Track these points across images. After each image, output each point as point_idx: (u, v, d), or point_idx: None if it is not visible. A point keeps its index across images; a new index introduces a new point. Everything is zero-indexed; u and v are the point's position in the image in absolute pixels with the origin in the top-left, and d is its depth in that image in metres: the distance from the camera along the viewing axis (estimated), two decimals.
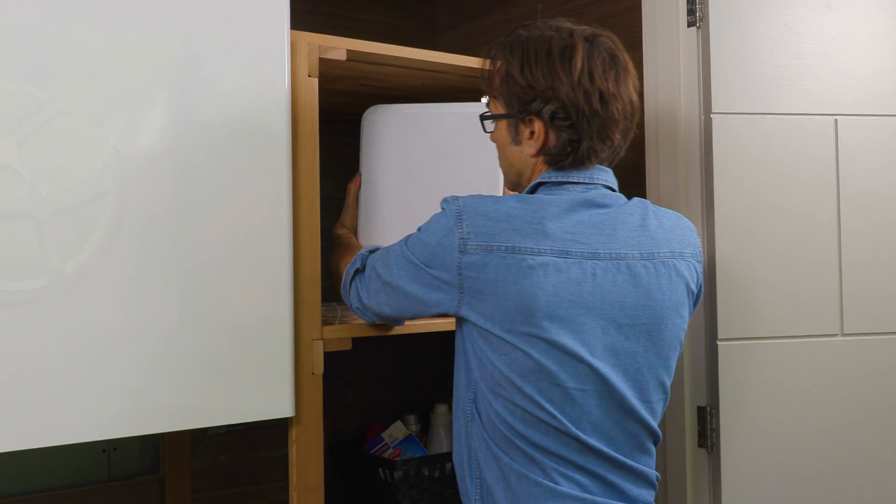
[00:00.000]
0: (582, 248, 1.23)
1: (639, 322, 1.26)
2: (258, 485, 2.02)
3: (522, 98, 1.29)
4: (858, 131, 1.69)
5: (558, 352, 1.22)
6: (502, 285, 1.22)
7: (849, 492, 1.69)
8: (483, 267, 1.22)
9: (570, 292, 1.22)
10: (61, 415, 1.22)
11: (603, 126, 1.28)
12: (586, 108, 1.26)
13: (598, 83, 1.27)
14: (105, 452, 1.88)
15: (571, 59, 1.27)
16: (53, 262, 1.21)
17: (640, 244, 1.27)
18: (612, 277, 1.24)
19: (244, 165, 1.36)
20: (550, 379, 1.22)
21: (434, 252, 1.27)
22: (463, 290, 1.25)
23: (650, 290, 1.27)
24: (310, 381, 1.42)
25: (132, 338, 1.27)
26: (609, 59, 1.29)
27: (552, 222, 1.23)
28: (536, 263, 1.21)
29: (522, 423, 1.24)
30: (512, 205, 1.25)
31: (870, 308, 1.69)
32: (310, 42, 1.43)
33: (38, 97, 1.21)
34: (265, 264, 1.38)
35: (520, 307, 1.21)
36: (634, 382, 1.27)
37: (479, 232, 1.23)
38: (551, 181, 1.31)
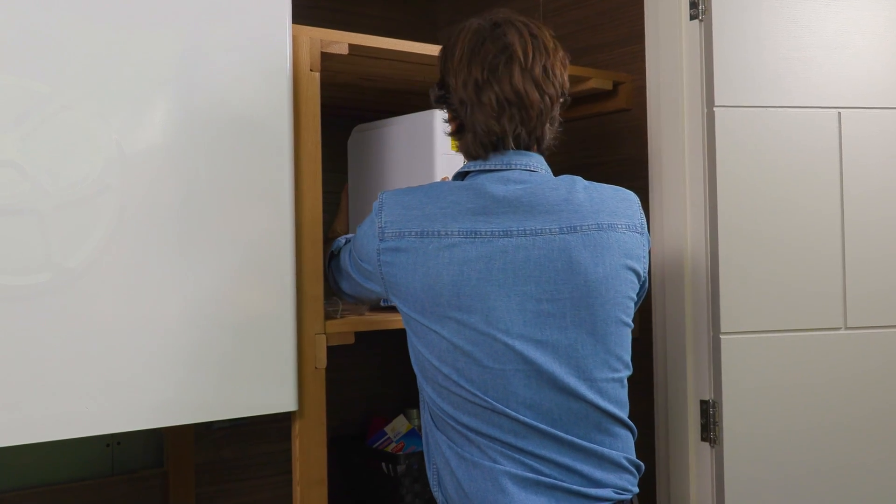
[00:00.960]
0: (492, 227, 1.25)
1: (561, 297, 1.24)
2: (261, 479, 2.02)
3: (435, 91, 1.37)
4: (862, 124, 1.68)
5: (471, 331, 1.23)
6: (411, 268, 1.26)
7: (852, 485, 1.69)
8: (396, 252, 1.27)
9: (478, 271, 1.23)
10: (65, 409, 1.22)
11: (481, 112, 1.29)
12: (464, 96, 1.29)
13: (476, 73, 1.28)
14: (109, 447, 1.88)
15: (454, 51, 1.32)
16: (56, 256, 1.21)
17: (561, 218, 1.25)
18: (524, 254, 1.24)
19: (246, 160, 1.36)
20: (466, 358, 1.23)
21: (362, 244, 1.34)
22: (384, 278, 1.30)
23: (571, 264, 1.24)
24: (313, 376, 1.42)
25: (135, 332, 1.27)
26: (499, 48, 1.29)
27: (462, 206, 1.26)
28: (443, 245, 1.24)
29: (450, 405, 1.26)
30: (425, 191, 1.29)
31: (873, 301, 1.69)
32: (311, 36, 1.43)
33: (41, 92, 1.21)
34: (268, 259, 1.38)
35: (427, 288, 1.24)
36: (567, 360, 1.24)
37: (395, 220, 1.28)
38: (469, 171, 1.33)
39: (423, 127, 1.67)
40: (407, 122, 1.73)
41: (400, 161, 1.74)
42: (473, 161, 1.33)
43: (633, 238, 1.30)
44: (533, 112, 1.30)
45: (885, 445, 1.70)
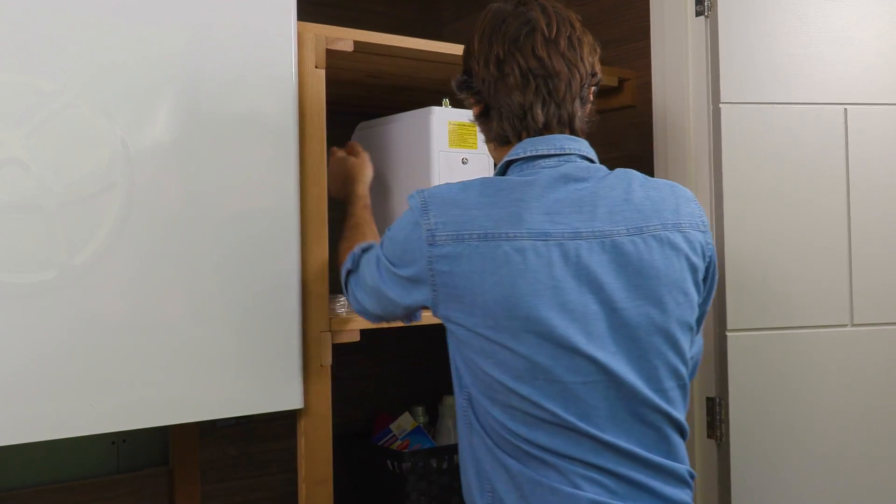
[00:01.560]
0: (562, 228, 1.13)
1: (634, 303, 1.15)
2: (266, 477, 2.02)
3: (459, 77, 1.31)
4: (868, 120, 1.68)
5: (550, 345, 1.12)
6: (478, 277, 1.12)
7: (859, 482, 1.68)
8: (456, 259, 1.13)
9: (554, 277, 1.12)
10: (70, 407, 1.22)
11: (505, 87, 1.21)
12: (487, 76, 1.22)
13: (497, 48, 1.22)
14: (114, 444, 1.88)
15: (479, 27, 1.27)
16: (62, 254, 1.21)
17: (626, 219, 1.17)
18: (599, 258, 1.14)
19: (252, 157, 1.36)
20: (546, 375, 1.12)
21: (403, 249, 1.19)
22: (437, 288, 1.16)
23: (642, 268, 1.16)
24: (318, 373, 1.42)
25: (141, 330, 1.27)
26: (521, 23, 1.23)
27: (527, 203, 1.14)
28: (513, 249, 1.12)
29: (527, 427, 1.14)
30: (481, 190, 1.17)
31: (880, 298, 1.68)
32: (317, 33, 1.43)
33: (46, 89, 1.21)
34: (273, 256, 1.38)
35: (501, 299, 1.11)
36: (642, 369, 1.16)
37: (448, 221, 1.15)
38: (520, 157, 1.22)
39: (420, 124, 1.67)
40: (405, 119, 1.72)
41: (399, 158, 1.73)
42: (519, 145, 1.22)
43: (697, 237, 1.23)
44: (560, 83, 1.21)
45: (893, 442, 1.69)
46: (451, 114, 1.67)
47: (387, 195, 1.77)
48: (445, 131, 1.65)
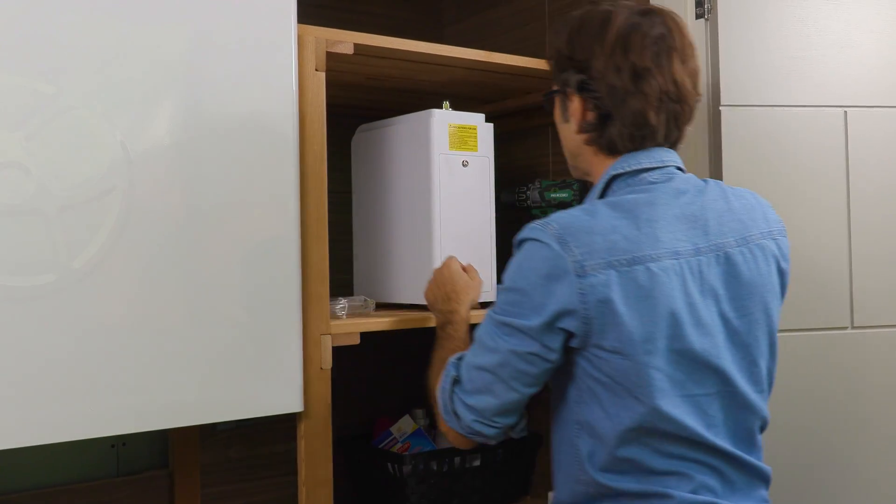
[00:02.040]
0: (686, 245, 1.16)
1: (747, 313, 1.19)
2: (267, 479, 2.02)
3: (563, 68, 1.27)
4: (868, 123, 1.68)
5: (689, 361, 1.15)
6: (634, 301, 1.12)
7: (859, 484, 1.68)
8: (608, 286, 1.12)
9: (688, 294, 1.15)
10: (70, 410, 1.22)
11: (636, 105, 1.20)
12: (616, 83, 1.20)
13: (633, 57, 1.20)
14: (114, 447, 1.88)
15: (608, 29, 1.22)
16: (62, 257, 1.21)
17: (732, 230, 1.20)
18: (714, 271, 1.17)
19: (252, 160, 1.36)
20: (683, 391, 1.15)
21: (545, 288, 1.15)
22: (590, 320, 1.13)
23: (751, 278, 1.20)
24: (318, 376, 1.42)
25: (140, 333, 1.27)
26: (658, 35, 1.21)
27: (658, 223, 1.16)
28: (660, 269, 1.13)
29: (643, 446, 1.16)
30: (610, 214, 1.17)
31: (880, 300, 1.68)
32: (317, 36, 1.43)
33: (46, 92, 1.21)
34: (273, 259, 1.37)
35: (653, 320, 1.12)
36: (751, 376, 1.21)
37: (593, 250, 1.13)
38: (625, 172, 1.23)
39: (420, 127, 1.67)
40: (406, 122, 1.72)
41: (401, 161, 1.73)
42: (623, 159, 1.23)
43: (784, 242, 1.28)
44: (687, 108, 1.24)
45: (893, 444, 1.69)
46: (451, 116, 1.67)
47: (386, 198, 1.77)
48: (446, 134, 1.65)
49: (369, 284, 1.83)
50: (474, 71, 1.70)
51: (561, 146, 1.35)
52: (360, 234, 1.87)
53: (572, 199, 1.87)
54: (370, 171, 1.82)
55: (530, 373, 1.19)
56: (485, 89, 1.87)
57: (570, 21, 1.28)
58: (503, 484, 2.02)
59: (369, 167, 1.82)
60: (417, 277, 1.67)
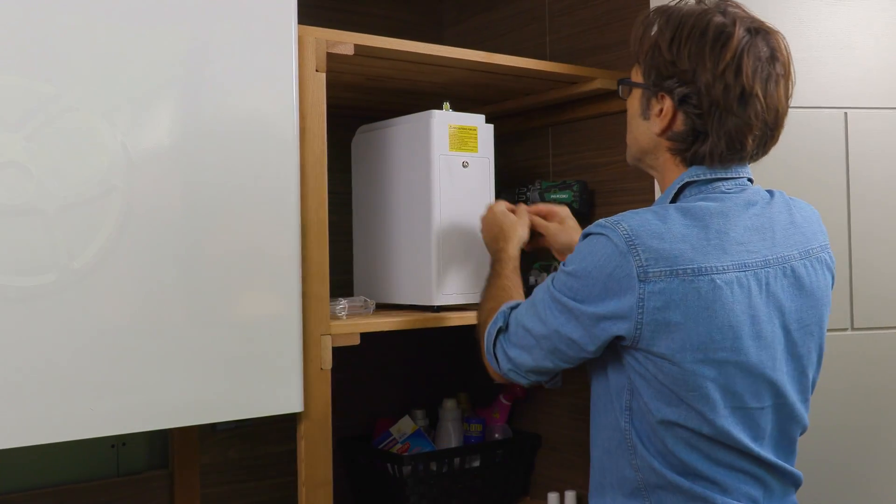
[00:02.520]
0: (755, 257, 1.16)
1: (805, 325, 1.20)
2: (267, 480, 2.02)
3: (661, 72, 1.22)
4: (868, 124, 1.68)
5: (744, 374, 1.15)
6: (693, 311, 1.12)
7: (859, 486, 1.68)
8: (670, 294, 1.12)
9: (752, 307, 1.15)
10: (69, 410, 1.22)
11: (735, 127, 1.18)
12: (721, 102, 1.17)
13: (744, 80, 1.16)
14: (113, 448, 1.88)
15: (724, 46, 1.17)
16: (62, 257, 1.21)
17: (797, 242, 1.21)
18: (781, 284, 1.18)
19: (252, 161, 1.36)
20: (735, 402, 1.16)
21: (605, 286, 1.16)
22: (642, 325, 1.14)
23: (813, 290, 1.21)
24: (318, 376, 1.42)
25: (140, 333, 1.27)
26: (767, 57, 1.19)
27: (727, 234, 1.15)
28: (723, 282, 1.13)
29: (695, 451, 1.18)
30: (682, 221, 1.16)
31: (880, 302, 1.68)
32: (317, 37, 1.43)
33: (46, 93, 1.21)
34: (273, 259, 1.38)
35: (711, 331, 1.12)
36: (800, 385, 1.22)
37: (659, 256, 1.13)
38: (699, 179, 1.22)
39: (420, 128, 1.67)
40: (406, 122, 1.73)
41: (401, 162, 1.73)
42: (701, 168, 1.22)
43: (832, 254, 1.29)
44: (777, 133, 1.24)
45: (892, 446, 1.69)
46: (451, 117, 1.67)
47: (386, 199, 1.77)
48: (446, 134, 1.65)
49: (369, 285, 1.82)
50: (475, 72, 1.70)
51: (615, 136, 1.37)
52: (359, 234, 1.87)
53: (572, 200, 1.87)
54: (370, 172, 1.82)
55: (567, 354, 1.23)
56: (485, 90, 1.87)
57: (674, 19, 1.22)
58: (503, 485, 2.02)
59: (369, 168, 1.82)
60: (417, 278, 1.67)
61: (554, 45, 2.02)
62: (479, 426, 2.06)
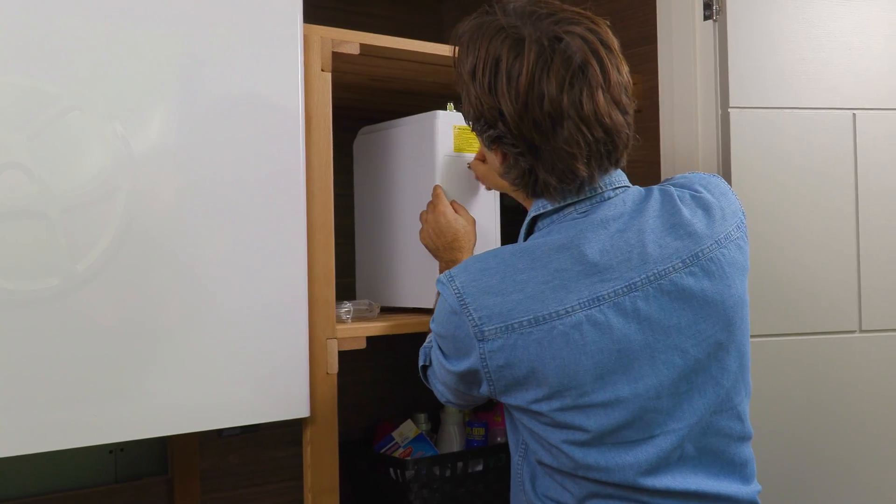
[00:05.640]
0: (613, 285, 1.04)
1: (706, 337, 1.08)
2: (268, 485, 1.99)
3: (471, 112, 1.13)
4: (877, 126, 1.67)
5: (620, 410, 1.06)
6: (538, 363, 1.04)
7: (867, 488, 1.67)
8: (511, 349, 1.05)
9: (616, 341, 1.04)
10: (71, 417, 1.19)
11: (559, 158, 1.06)
12: (535, 137, 1.05)
13: (549, 107, 1.03)
14: (112, 453, 1.85)
15: (519, 75, 1.04)
16: (64, 260, 1.18)
17: (679, 249, 1.07)
18: (659, 303, 1.06)
19: (257, 162, 1.34)
20: (614, 439, 1.07)
21: (453, 345, 1.12)
22: (493, 382, 1.09)
23: (709, 297, 1.08)
24: (324, 381, 1.40)
25: (144, 338, 1.24)
26: (574, 70, 1.04)
27: (569, 271, 1.05)
28: (568, 327, 1.03)
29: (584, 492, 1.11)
30: (518, 265, 1.06)
31: (889, 304, 1.67)
32: (323, 36, 1.41)
33: (49, 92, 1.18)
34: (279, 262, 1.35)
35: (565, 380, 1.04)
36: (716, 400, 1.11)
37: (493, 313, 1.05)
38: (546, 211, 1.13)
39: (425, 129, 1.65)
40: (409, 123, 1.71)
41: (404, 163, 1.72)
42: (540, 201, 1.13)
43: (744, 232, 1.15)
44: (620, 140, 1.09)
45: None
46: (455, 118, 1.65)
47: (390, 201, 1.75)
48: (451, 135, 1.63)
49: (372, 288, 1.80)
50: None
51: None
52: (362, 237, 1.85)
53: None
54: (373, 174, 1.80)
55: (466, 395, 1.20)
56: None
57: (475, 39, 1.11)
58: (505, 489, 2.00)
59: (372, 169, 1.80)
60: (422, 281, 1.65)
61: None
62: (481, 430, 2.04)
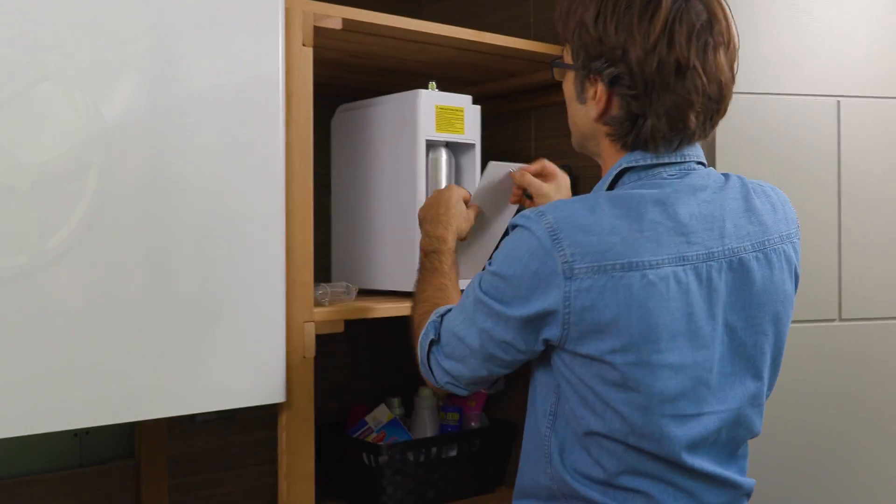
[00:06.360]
0: (697, 249, 1.06)
1: (756, 324, 1.11)
2: (238, 470, 1.95)
3: (589, 52, 1.11)
4: (861, 113, 1.67)
5: (680, 377, 1.06)
6: (624, 311, 1.03)
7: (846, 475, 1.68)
8: (599, 292, 1.03)
9: (690, 304, 1.05)
10: (38, 401, 1.15)
11: (674, 105, 1.08)
12: (656, 80, 1.06)
13: (678, 52, 1.05)
14: (77, 436, 1.80)
15: (652, 17, 1.06)
16: (34, 237, 1.14)
17: (750, 233, 1.10)
18: (725, 279, 1.08)
19: (236, 138, 1.29)
20: (668, 410, 1.06)
21: (529, 285, 1.06)
22: (570, 325, 1.05)
23: (766, 286, 1.11)
24: (301, 365, 1.36)
25: (118, 318, 1.20)
26: (703, 23, 1.08)
27: (664, 224, 1.05)
28: (658, 278, 1.03)
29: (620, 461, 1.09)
30: (612, 211, 1.06)
31: (868, 293, 1.68)
32: (304, 10, 1.36)
33: (18, 62, 1.13)
34: (257, 242, 1.31)
35: (645, 333, 1.03)
36: (750, 391, 1.13)
37: (586, 251, 1.03)
38: (638, 165, 1.12)
39: (406, 107, 1.62)
40: (390, 102, 1.67)
41: (384, 143, 1.68)
42: (640, 153, 1.12)
43: (798, 244, 1.18)
44: (723, 103, 1.12)
45: (880, 437, 1.69)
46: (438, 97, 1.62)
47: (369, 181, 1.71)
48: (433, 115, 1.60)
49: (349, 270, 1.77)
50: (462, 51, 1.64)
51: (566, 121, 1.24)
52: (339, 217, 1.81)
53: None
54: (351, 153, 1.76)
55: (503, 359, 1.14)
56: (469, 70, 1.82)
57: None
58: (479, 474, 1.98)
59: (350, 148, 1.76)
60: (401, 263, 1.62)
61: (538, 27, 1.97)
62: (455, 415, 2.02)
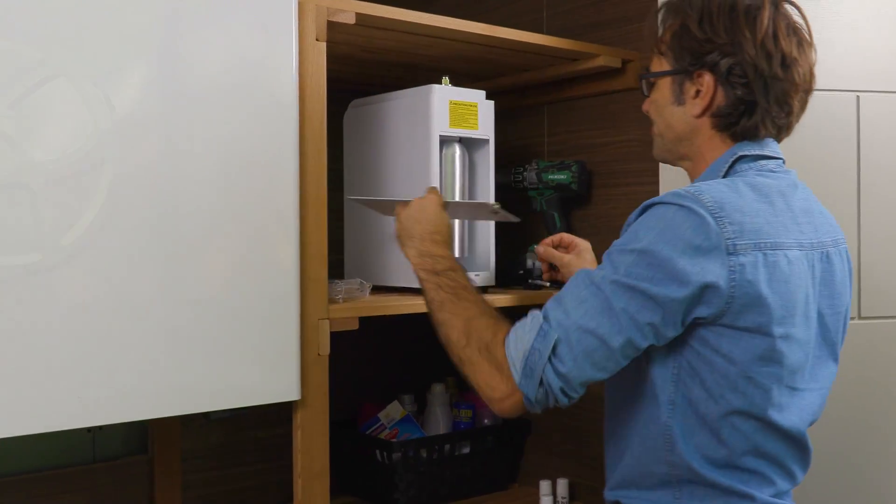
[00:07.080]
0: (808, 237, 1.18)
1: (836, 312, 1.22)
2: (251, 466, 1.95)
3: (697, 51, 1.23)
4: (881, 108, 1.65)
5: (802, 352, 1.17)
6: (775, 285, 1.12)
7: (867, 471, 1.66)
8: (755, 268, 1.11)
9: (806, 286, 1.16)
10: (53, 399, 1.14)
11: (783, 91, 1.21)
12: (766, 69, 1.19)
13: (782, 46, 1.20)
14: (90, 432, 1.80)
15: (756, 17, 1.20)
16: (48, 235, 1.13)
17: (829, 230, 1.23)
18: (821, 268, 1.20)
19: (250, 134, 1.28)
20: (793, 382, 1.17)
21: (692, 261, 1.08)
22: (734, 299, 1.10)
23: (841, 279, 1.23)
24: (316, 363, 1.36)
25: (131, 316, 1.19)
26: (792, 24, 1.24)
27: (790, 212, 1.18)
28: (794, 258, 1.15)
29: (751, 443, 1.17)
30: (752, 195, 1.16)
31: (888, 290, 1.66)
32: (318, 4, 1.35)
33: (32, 57, 1.12)
34: (271, 239, 1.30)
35: (788, 308, 1.13)
36: (827, 374, 1.25)
37: (744, 230, 1.12)
38: (750, 154, 1.23)
39: (419, 103, 1.61)
40: (404, 97, 1.66)
41: (397, 138, 1.67)
42: (748, 143, 1.24)
43: None
44: (805, 102, 1.27)
45: None
46: (451, 92, 1.61)
47: (382, 176, 1.70)
48: (447, 110, 1.59)
49: (361, 267, 1.76)
50: (474, 45, 1.63)
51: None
52: (352, 213, 1.80)
53: (571, 181, 1.82)
54: (364, 148, 1.75)
55: (638, 346, 1.12)
56: (481, 65, 1.81)
57: (695, 1, 1.25)
58: (492, 472, 1.98)
59: (363, 143, 1.75)
60: None
61: (551, 21, 1.96)
62: (468, 412, 2.01)
